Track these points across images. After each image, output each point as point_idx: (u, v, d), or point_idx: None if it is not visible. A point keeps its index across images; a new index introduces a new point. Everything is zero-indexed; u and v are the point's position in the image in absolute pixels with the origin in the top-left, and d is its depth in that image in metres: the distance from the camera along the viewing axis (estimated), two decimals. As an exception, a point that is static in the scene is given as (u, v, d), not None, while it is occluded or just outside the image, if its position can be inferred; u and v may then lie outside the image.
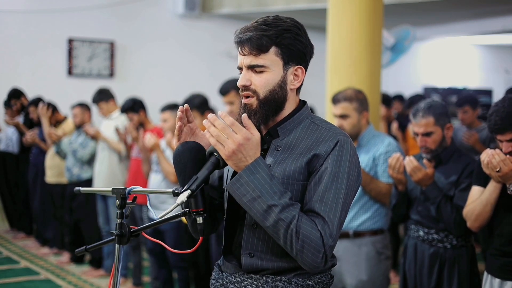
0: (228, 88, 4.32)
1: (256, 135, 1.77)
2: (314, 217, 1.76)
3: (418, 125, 3.22)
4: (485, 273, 2.89)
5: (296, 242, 1.72)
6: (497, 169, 2.66)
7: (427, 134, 3.21)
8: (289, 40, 1.84)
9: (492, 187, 2.78)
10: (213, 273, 2.01)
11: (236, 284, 1.90)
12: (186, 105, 1.96)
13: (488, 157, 2.69)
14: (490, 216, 2.83)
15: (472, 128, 5.83)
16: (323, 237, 1.74)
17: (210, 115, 1.77)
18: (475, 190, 2.91)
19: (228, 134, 1.73)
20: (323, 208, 1.77)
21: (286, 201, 1.74)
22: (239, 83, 1.88)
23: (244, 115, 1.79)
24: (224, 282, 1.93)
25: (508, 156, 2.67)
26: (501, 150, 2.72)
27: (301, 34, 1.87)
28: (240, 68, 1.89)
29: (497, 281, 2.81)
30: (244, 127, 1.76)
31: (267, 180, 1.74)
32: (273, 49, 1.84)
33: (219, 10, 9.24)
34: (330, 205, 1.77)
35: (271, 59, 1.85)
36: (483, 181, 2.86)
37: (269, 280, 1.85)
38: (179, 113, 1.93)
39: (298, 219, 1.73)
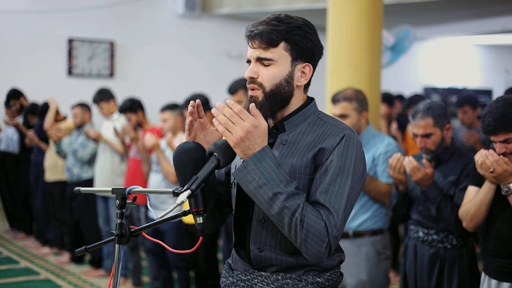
0: (237, 87, 4.37)
1: (264, 124, 1.78)
2: (319, 208, 1.77)
3: (417, 126, 3.22)
4: (483, 274, 2.89)
5: (300, 230, 1.73)
6: (491, 170, 2.66)
7: (427, 136, 3.21)
8: (298, 37, 1.86)
9: (487, 188, 2.78)
10: (223, 272, 2.02)
11: (246, 282, 1.91)
12: (198, 101, 1.97)
13: (482, 157, 2.69)
14: (486, 216, 2.83)
15: (472, 128, 5.82)
16: (328, 227, 1.74)
17: (218, 103, 1.78)
18: (471, 190, 2.91)
19: (236, 121, 1.75)
20: (328, 199, 1.78)
21: (292, 189, 1.75)
22: (246, 75, 1.89)
23: (252, 105, 1.80)
24: (235, 280, 1.94)
25: (501, 156, 2.67)
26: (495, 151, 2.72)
27: (311, 33, 1.89)
28: (249, 62, 1.91)
29: (494, 282, 2.80)
30: (252, 116, 1.78)
31: (273, 168, 1.75)
32: (282, 44, 1.86)
33: (219, 10, 9.24)
34: (335, 196, 1.78)
35: (280, 53, 1.86)
36: (479, 181, 2.85)
37: (279, 277, 1.86)
38: (190, 108, 1.94)
39: (303, 208, 1.74)
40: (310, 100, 1.96)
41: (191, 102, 1.95)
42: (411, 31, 7.36)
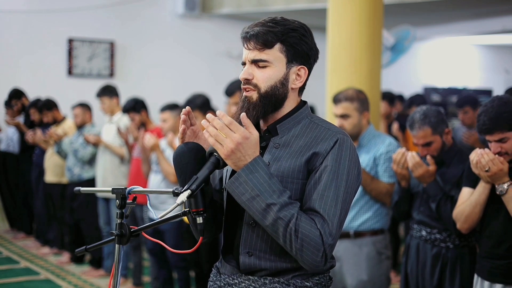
0: (234, 89, 4.34)
1: (255, 134, 1.77)
2: (314, 216, 1.76)
3: (416, 137, 3.21)
4: (475, 276, 2.87)
5: (295, 241, 1.72)
6: (486, 169, 2.66)
7: (427, 144, 3.21)
8: (294, 39, 1.86)
9: (482, 188, 2.76)
10: (211, 275, 2.01)
11: (233, 286, 1.89)
12: (188, 108, 1.95)
13: (477, 156, 2.69)
14: (480, 218, 2.81)
15: (473, 128, 5.83)
16: (323, 236, 1.73)
17: (208, 115, 1.77)
18: (465, 191, 2.89)
19: (227, 134, 1.73)
20: (323, 206, 1.76)
21: (285, 199, 1.74)
22: (241, 77, 1.88)
23: (243, 114, 1.79)
24: (222, 284, 1.93)
25: (497, 156, 2.67)
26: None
27: (307, 36, 1.89)
28: (244, 64, 1.90)
29: (486, 283, 2.78)
30: (243, 126, 1.76)
31: (266, 179, 1.74)
32: (278, 46, 1.85)
33: (219, 10, 9.24)
34: (330, 203, 1.76)
35: (275, 55, 1.85)
36: (473, 182, 2.84)
37: (267, 281, 1.84)
38: (182, 116, 1.93)
39: (297, 218, 1.73)
40: (303, 103, 1.95)
41: (183, 110, 1.94)
42: (411, 31, 7.36)
